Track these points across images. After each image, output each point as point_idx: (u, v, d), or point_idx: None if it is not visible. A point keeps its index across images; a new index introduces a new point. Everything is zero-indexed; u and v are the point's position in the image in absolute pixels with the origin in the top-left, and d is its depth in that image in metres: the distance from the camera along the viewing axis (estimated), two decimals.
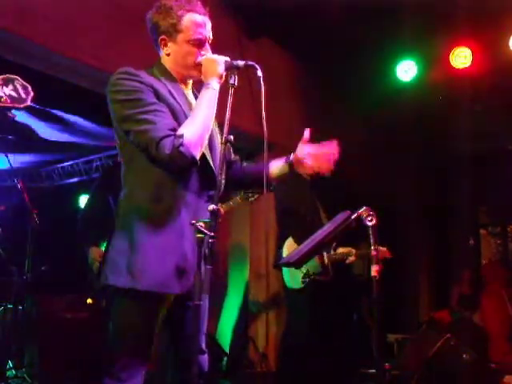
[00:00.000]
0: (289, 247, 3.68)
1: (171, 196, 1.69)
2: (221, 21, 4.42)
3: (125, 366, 1.63)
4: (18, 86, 1.29)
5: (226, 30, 4.47)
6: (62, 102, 4.14)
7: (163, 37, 1.79)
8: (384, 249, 3.70)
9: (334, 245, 3.74)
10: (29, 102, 1.30)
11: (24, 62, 3.22)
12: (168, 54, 1.80)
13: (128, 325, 1.66)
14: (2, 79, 1.29)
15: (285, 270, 3.72)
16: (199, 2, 1.82)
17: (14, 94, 1.28)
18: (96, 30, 3.29)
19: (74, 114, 4.56)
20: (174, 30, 1.76)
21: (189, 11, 1.77)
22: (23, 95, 1.29)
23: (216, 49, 1.85)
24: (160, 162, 1.65)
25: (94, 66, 3.29)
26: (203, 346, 1.80)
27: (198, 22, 1.78)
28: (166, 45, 1.80)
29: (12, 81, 1.29)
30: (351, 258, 3.73)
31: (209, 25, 1.82)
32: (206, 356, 1.79)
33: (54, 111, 4.56)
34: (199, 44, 1.78)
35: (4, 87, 1.28)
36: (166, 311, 1.70)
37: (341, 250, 3.74)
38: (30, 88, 1.31)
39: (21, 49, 3.07)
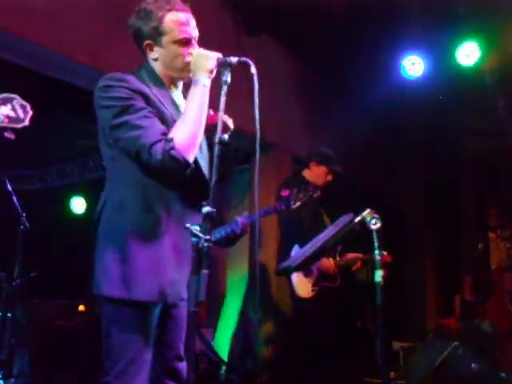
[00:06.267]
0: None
1: (160, 206, 1.70)
2: (219, 18, 4.46)
3: (119, 375, 1.64)
4: (17, 106, 1.29)
5: (225, 27, 4.48)
6: (57, 101, 4.15)
7: (148, 42, 1.78)
8: (384, 253, 3.70)
9: (339, 250, 3.73)
10: (27, 123, 1.30)
11: (20, 62, 3.23)
12: (156, 59, 1.80)
13: (117, 333, 1.68)
14: (1, 99, 1.28)
15: (293, 278, 3.68)
16: (178, 0, 1.80)
17: (12, 114, 1.28)
18: (93, 29, 3.30)
19: (70, 113, 4.56)
20: (157, 33, 1.75)
21: (169, 11, 1.75)
22: (21, 115, 1.29)
23: (214, 46, 1.84)
24: (153, 169, 1.65)
25: (91, 65, 3.29)
26: (182, 353, 1.82)
27: (181, 20, 1.76)
28: (152, 49, 1.79)
29: (11, 100, 1.28)
30: (357, 265, 3.72)
31: (193, 22, 1.80)
32: (184, 363, 1.81)
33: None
34: (186, 43, 1.77)
35: (2, 107, 1.27)
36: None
37: (349, 255, 3.73)
38: (28, 107, 1.30)
39: (17, 48, 3.07)
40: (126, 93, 1.68)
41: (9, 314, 3.87)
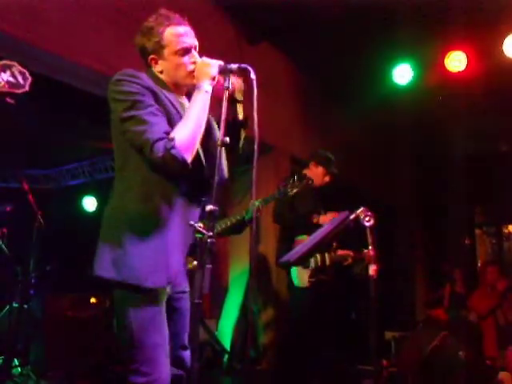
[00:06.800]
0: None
1: (160, 197, 1.70)
2: (220, 27, 4.45)
3: (146, 361, 1.64)
4: (16, 72, 1.26)
5: (226, 36, 4.47)
6: (64, 105, 4.15)
7: (152, 56, 1.81)
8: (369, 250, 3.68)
9: (334, 245, 3.73)
10: (27, 88, 1.28)
11: (34, 68, 3.20)
12: (161, 72, 1.83)
13: (140, 322, 1.66)
14: (0, 65, 1.26)
15: (293, 269, 3.70)
16: (177, 15, 1.84)
17: (12, 79, 1.25)
18: (99, 35, 3.29)
19: (78, 116, 4.56)
20: (159, 47, 1.79)
21: (168, 26, 1.79)
22: (21, 81, 1.26)
23: (216, 54, 1.85)
24: (154, 164, 1.66)
25: (97, 70, 3.29)
26: (186, 343, 1.83)
27: (179, 32, 1.80)
28: (156, 63, 1.82)
29: (10, 67, 1.26)
30: (348, 261, 3.72)
31: (191, 33, 1.84)
32: (188, 352, 1.82)
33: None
34: (185, 52, 1.80)
35: (2, 73, 1.25)
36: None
37: (340, 252, 3.73)
38: (27, 73, 1.28)
39: (24, 53, 3.06)
40: (138, 88, 1.70)
41: (25, 306, 3.88)
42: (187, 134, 1.67)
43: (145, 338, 1.65)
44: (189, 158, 1.66)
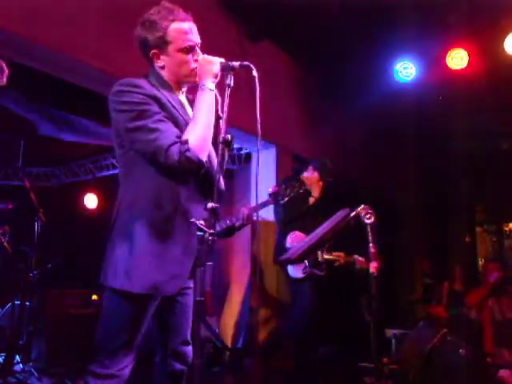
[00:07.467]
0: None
1: (170, 204, 1.70)
2: (222, 24, 4.45)
3: (109, 354, 1.67)
4: None
5: (228, 34, 4.47)
6: (65, 102, 4.14)
7: (154, 51, 1.79)
8: (360, 258, 3.66)
9: (329, 244, 3.74)
10: (5, 81, 1.25)
11: (35, 66, 3.22)
12: (162, 67, 1.81)
13: (114, 320, 1.70)
14: None
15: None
16: (181, 9, 1.81)
17: None
18: (99, 32, 3.29)
19: (79, 114, 4.56)
20: (163, 43, 1.76)
21: (173, 21, 1.76)
22: None
23: (217, 52, 1.84)
24: (168, 169, 1.66)
25: (99, 67, 3.28)
26: (188, 338, 1.84)
27: (185, 29, 1.77)
28: (158, 58, 1.80)
29: None
30: (339, 262, 3.73)
31: (195, 29, 1.82)
32: (190, 347, 1.83)
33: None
34: (190, 50, 1.78)
35: None
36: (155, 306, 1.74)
37: (334, 253, 3.75)
38: (4, 65, 1.25)
39: (25, 50, 3.06)
40: (141, 98, 1.69)
41: (27, 303, 3.89)
42: (199, 135, 1.67)
43: (117, 336, 1.67)
44: (204, 158, 1.68)
